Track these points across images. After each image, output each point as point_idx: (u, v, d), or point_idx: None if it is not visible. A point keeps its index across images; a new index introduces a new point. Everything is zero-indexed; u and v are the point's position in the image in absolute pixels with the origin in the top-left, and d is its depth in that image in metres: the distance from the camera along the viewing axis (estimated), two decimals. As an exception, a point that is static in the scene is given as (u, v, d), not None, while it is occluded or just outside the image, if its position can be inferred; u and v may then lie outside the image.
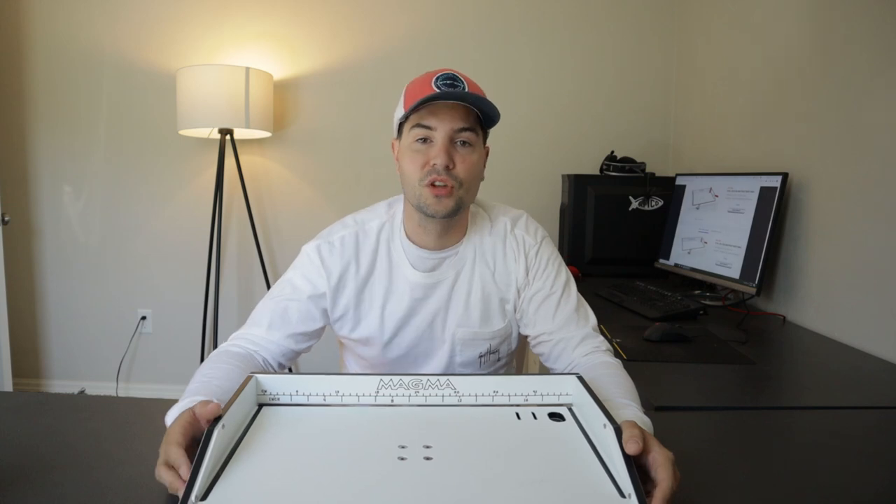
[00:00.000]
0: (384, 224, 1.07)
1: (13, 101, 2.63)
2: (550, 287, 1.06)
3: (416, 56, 2.60)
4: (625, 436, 0.62)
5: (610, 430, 0.64)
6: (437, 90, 0.92)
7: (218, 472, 0.62)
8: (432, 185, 0.95)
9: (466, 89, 0.94)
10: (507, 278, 1.07)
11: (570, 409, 0.80)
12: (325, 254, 1.04)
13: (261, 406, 0.79)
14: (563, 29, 2.61)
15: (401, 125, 1.00)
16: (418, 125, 0.96)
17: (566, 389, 0.82)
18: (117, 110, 2.64)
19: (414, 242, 1.05)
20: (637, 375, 0.94)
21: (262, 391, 0.80)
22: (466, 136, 0.96)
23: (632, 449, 0.61)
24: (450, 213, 0.97)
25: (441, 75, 0.95)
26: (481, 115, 0.98)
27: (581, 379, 0.79)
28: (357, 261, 1.05)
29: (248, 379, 0.78)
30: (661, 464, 0.61)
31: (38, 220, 2.70)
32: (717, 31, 2.26)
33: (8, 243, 2.45)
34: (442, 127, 0.95)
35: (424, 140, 0.96)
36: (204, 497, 0.57)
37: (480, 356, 1.09)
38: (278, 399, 0.80)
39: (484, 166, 1.04)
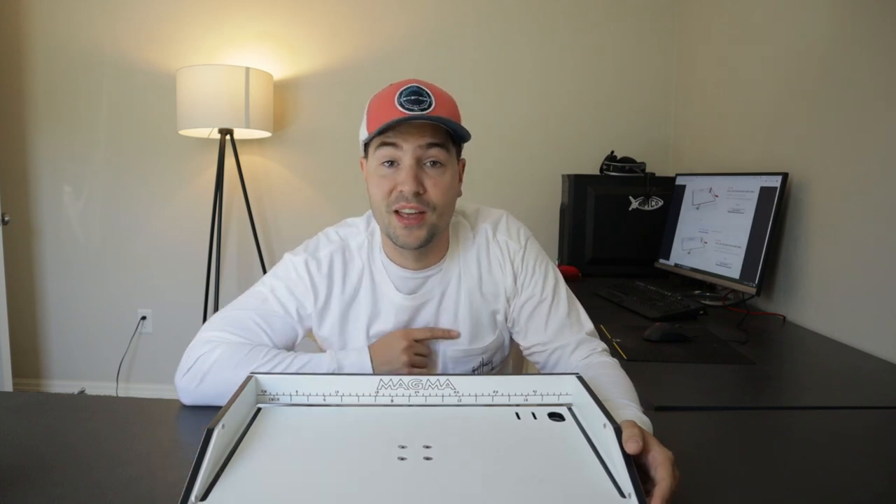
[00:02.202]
0: (364, 242, 1.02)
1: (13, 101, 2.63)
2: (540, 293, 1.02)
3: (416, 56, 2.59)
4: (624, 435, 0.62)
5: (610, 429, 0.64)
6: (401, 108, 0.85)
7: (218, 472, 0.62)
8: (398, 213, 0.90)
9: (434, 104, 0.86)
10: (495, 288, 1.03)
11: (570, 409, 0.80)
12: (314, 271, 0.99)
13: (260, 406, 0.79)
14: (563, 29, 2.61)
15: (366, 144, 0.94)
16: (384, 144, 0.89)
17: (566, 389, 0.82)
18: (117, 110, 2.64)
19: (394, 262, 1.00)
20: (637, 375, 0.94)
21: (261, 391, 0.80)
22: (436, 153, 0.89)
23: (631, 448, 0.61)
24: (422, 244, 0.92)
25: (405, 90, 0.87)
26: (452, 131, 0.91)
27: (581, 379, 0.79)
28: (343, 281, 1.00)
29: (249, 379, 0.78)
30: (660, 463, 0.61)
31: (38, 220, 2.70)
32: (716, 31, 2.26)
33: (8, 243, 2.45)
34: (408, 146, 0.88)
35: (391, 163, 0.90)
36: (204, 497, 0.57)
37: (474, 370, 1.06)
38: (278, 399, 0.80)
39: (460, 181, 0.99)
